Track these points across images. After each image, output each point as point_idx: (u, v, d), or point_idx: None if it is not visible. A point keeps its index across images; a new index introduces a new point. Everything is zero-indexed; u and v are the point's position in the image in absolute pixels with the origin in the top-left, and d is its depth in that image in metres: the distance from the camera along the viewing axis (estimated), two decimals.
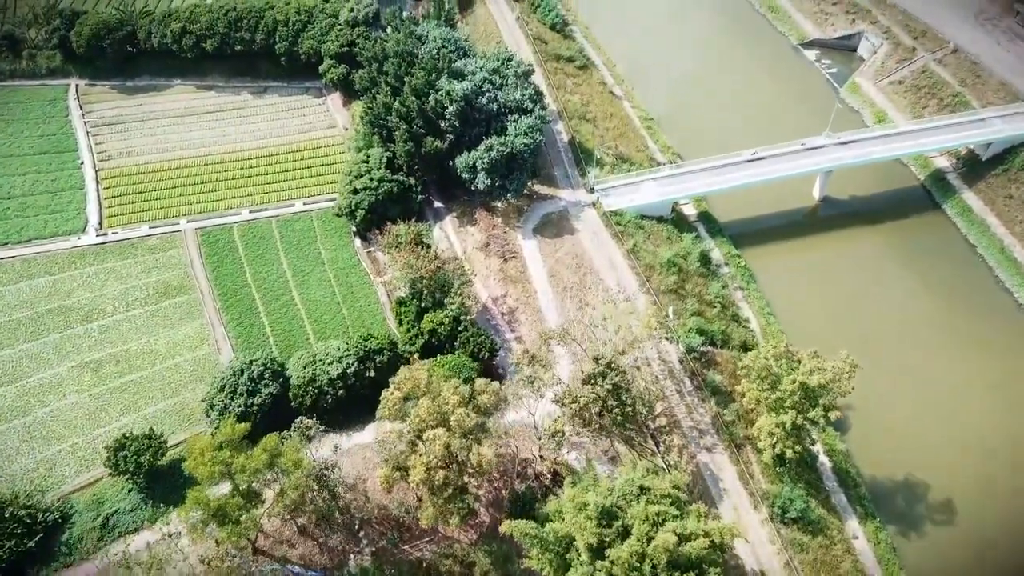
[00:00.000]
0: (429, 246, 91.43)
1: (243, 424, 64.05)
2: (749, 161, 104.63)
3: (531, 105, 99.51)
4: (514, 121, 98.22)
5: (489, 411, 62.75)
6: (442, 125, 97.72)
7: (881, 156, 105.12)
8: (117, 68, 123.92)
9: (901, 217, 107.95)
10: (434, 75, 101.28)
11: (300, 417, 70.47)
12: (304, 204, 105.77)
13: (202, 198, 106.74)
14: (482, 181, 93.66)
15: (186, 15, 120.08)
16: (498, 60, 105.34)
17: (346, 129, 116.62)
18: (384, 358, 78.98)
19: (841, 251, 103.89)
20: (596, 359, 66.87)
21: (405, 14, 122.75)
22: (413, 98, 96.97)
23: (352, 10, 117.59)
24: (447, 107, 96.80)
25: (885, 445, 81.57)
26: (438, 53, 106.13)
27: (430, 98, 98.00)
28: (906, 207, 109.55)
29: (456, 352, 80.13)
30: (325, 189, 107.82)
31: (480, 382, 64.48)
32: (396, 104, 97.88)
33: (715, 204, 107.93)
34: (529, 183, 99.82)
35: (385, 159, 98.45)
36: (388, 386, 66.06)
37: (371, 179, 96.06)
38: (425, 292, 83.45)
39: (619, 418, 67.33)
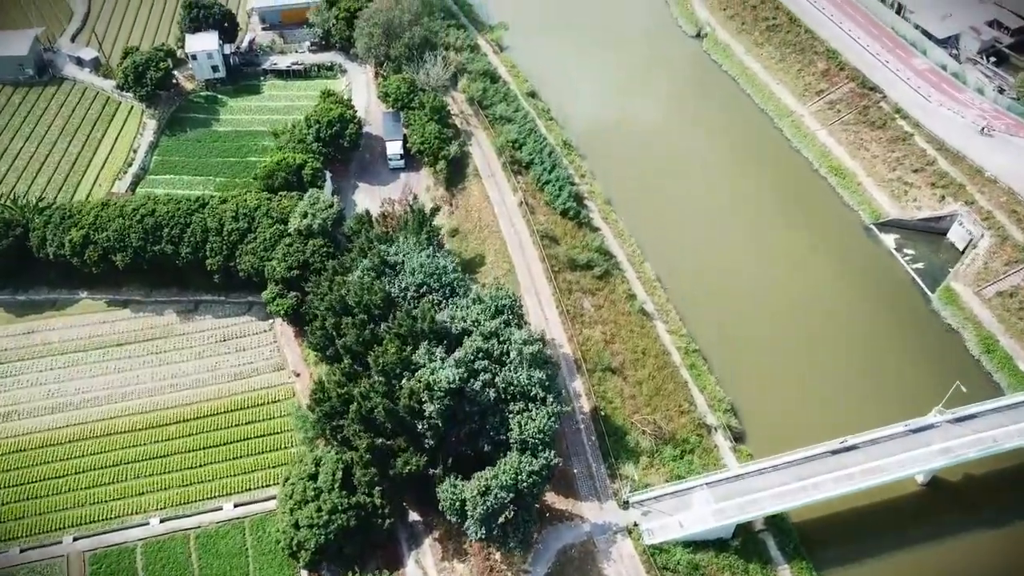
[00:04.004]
0: None
1: None
2: (835, 453, 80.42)
3: (542, 392, 75.21)
4: (519, 413, 74.26)
5: None
6: (419, 427, 73.52)
7: (1017, 444, 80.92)
8: (5, 279, 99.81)
9: None
10: (409, 343, 77.36)
11: None
12: (235, 506, 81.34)
13: (99, 495, 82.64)
14: (474, 530, 69.25)
15: (90, 219, 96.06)
16: (495, 308, 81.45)
17: (297, 375, 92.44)
18: None
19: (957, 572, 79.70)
20: None
21: (377, 211, 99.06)
22: (379, 397, 72.70)
23: (305, 215, 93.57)
24: (425, 401, 72.66)
25: None
26: (416, 304, 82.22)
27: (403, 385, 73.92)
28: None
29: None
30: (265, 477, 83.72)
31: None
32: (356, 401, 73.63)
33: None
34: None
35: (340, 472, 74.03)
36: None
37: (320, 509, 71.67)
38: None
39: None
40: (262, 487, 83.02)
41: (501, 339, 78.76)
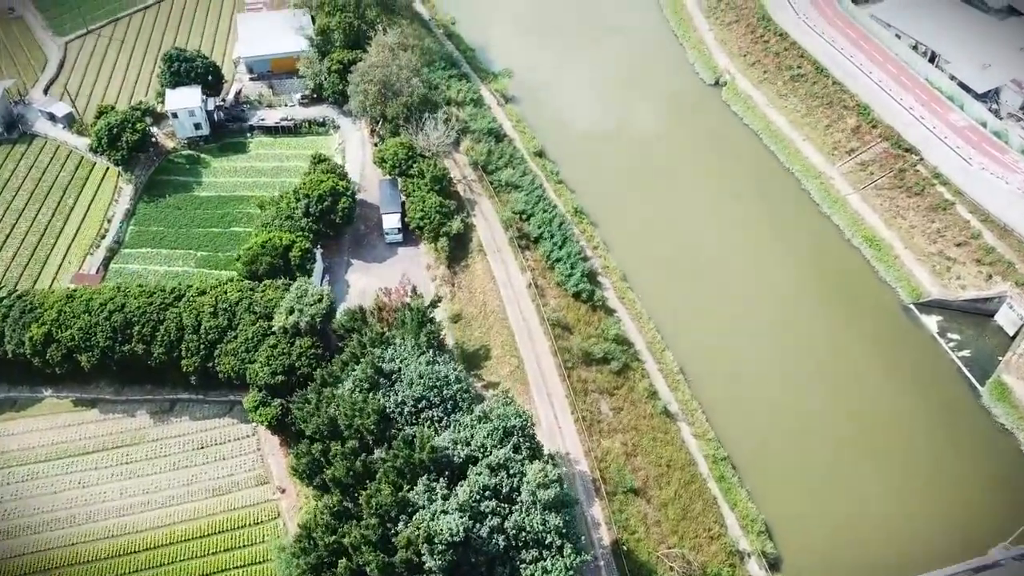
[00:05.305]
0: None
1: None
2: None
3: (559, 540, 66.12)
4: (532, 563, 65.41)
5: None
6: None
7: None
8: None
9: None
10: (406, 476, 68.42)
11: None
12: None
13: None
14: None
15: (53, 314, 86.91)
16: (503, 429, 72.41)
17: (282, 491, 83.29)
18: None
19: None
20: None
21: (372, 301, 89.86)
22: (372, 552, 63.59)
23: (292, 311, 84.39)
24: (425, 555, 63.58)
25: None
26: (414, 420, 73.44)
27: (400, 531, 64.91)
28: None
29: None
30: None
31: None
32: (346, 555, 64.44)
33: None
34: None
35: None
36: None
37: None
38: None
39: None
40: None
41: (511, 472, 69.83)
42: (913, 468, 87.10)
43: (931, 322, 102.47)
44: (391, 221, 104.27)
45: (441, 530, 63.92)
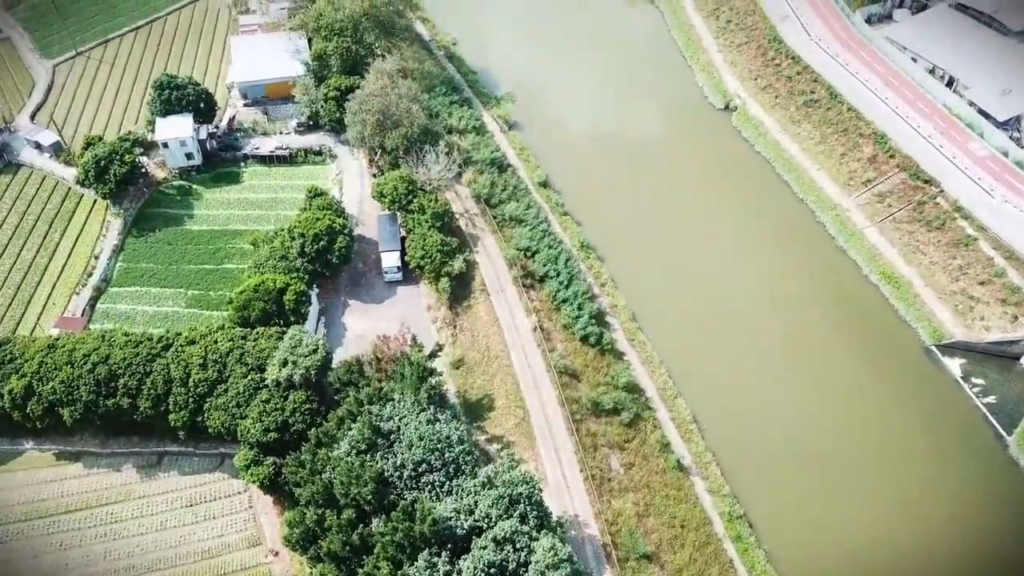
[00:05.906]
0: None
1: None
2: None
3: None
4: None
5: None
6: None
7: None
8: None
9: None
10: (406, 549, 64.31)
11: None
12: None
13: None
14: None
15: (33, 366, 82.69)
16: (509, 498, 68.38)
17: (275, 554, 79.01)
18: None
19: None
20: None
21: (370, 349, 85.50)
22: None
23: (285, 363, 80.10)
24: None
25: None
26: (414, 484, 69.39)
27: None
28: None
29: None
30: None
31: None
32: None
33: None
34: None
35: None
36: None
37: None
38: None
39: None
40: None
41: (518, 546, 65.65)
42: (939, 526, 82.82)
43: (954, 365, 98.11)
44: (390, 260, 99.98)
45: None
